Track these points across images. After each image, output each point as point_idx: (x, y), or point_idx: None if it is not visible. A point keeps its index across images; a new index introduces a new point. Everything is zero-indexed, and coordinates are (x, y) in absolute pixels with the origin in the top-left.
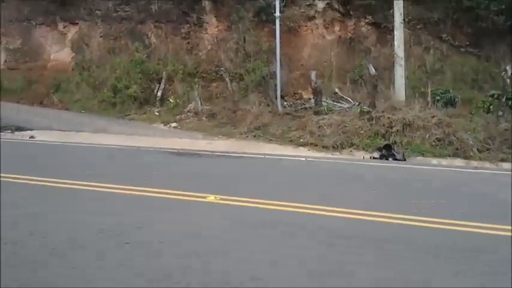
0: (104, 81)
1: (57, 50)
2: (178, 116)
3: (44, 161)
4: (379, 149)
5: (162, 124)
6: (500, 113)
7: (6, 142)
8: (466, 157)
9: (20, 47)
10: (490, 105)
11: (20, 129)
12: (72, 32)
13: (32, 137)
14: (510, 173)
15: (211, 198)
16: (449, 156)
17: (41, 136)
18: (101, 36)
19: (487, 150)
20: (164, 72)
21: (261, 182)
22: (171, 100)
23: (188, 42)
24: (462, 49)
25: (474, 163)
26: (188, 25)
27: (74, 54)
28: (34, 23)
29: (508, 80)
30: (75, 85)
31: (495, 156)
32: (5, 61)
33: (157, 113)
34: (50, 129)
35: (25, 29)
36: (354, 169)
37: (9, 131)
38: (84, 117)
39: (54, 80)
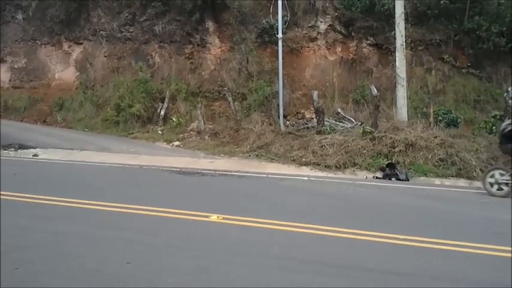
0: (107, 100)
1: (62, 69)
2: (181, 135)
3: (46, 179)
4: (382, 169)
5: (165, 143)
6: None
7: (9, 160)
8: (470, 177)
9: (25, 66)
10: (493, 126)
11: (23, 147)
12: (76, 51)
13: (35, 155)
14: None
15: (214, 217)
16: (453, 176)
17: (44, 154)
18: (105, 56)
19: None
20: (167, 92)
21: (263, 201)
22: (174, 119)
23: (191, 62)
24: (464, 70)
25: (477, 183)
26: (192, 45)
27: (78, 73)
28: (39, 43)
29: (510, 101)
30: (78, 104)
31: None
32: (10, 80)
33: (160, 132)
34: (54, 148)
35: (30, 49)
36: (359, 189)
37: (13, 149)
38: (87, 136)
39: (58, 98)
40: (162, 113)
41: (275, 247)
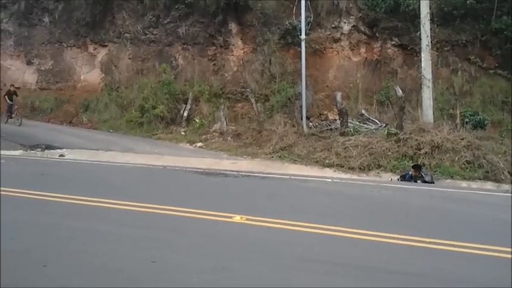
0: (131, 102)
1: (87, 71)
2: (203, 136)
3: (72, 179)
4: (402, 177)
5: (188, 144)
6: None
7: (36, 160)
8: (497, 180)
9: (52, 68)
10: None
11: (50, 147)
12: (101, 53)
13: (61, 155)
14: None
15: (237, 218)
16: (480, 179)
17: (70, 155)
18: (129, 58)
19: None
20: (190, 93)
21: (286, 203)
22: (196, 120)
23: (214, 64)
24: (491, 71)
25: (505, 186)
26: (214, 47)
27: (103, 75)
28: (65, 45)
29: None
30: (103, 105)
31: None
32: (37, 82)
33: (183, 133)
34: (79, 148)
35: (56, 51)
36: (383, 192)
37: (40, 150)
38: (112, 137)
39: (83, 100)
40: (185, 114)
41: (297, 248)
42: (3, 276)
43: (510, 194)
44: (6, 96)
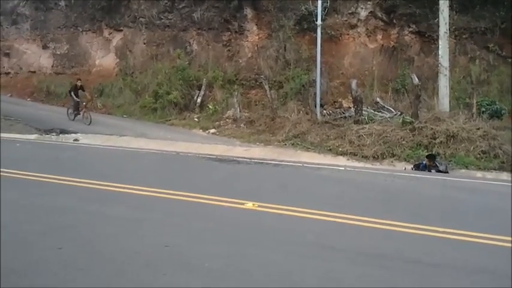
0: (146, 87)
1: (102, 55)
2: (217, 123)
3: (86, 163)
4: (416, 166)
5: (201, 130)
6: None
7: (51, 144)
8: None
9: (67, 52)
10: None
11: (64, 132)
12: (116, 38)
13: (76, 140)
14: None
15: (249, 205)
16: (495, 169)
17: (84, 139)
18: (144, 43)
19: None
20: (204, 79)
21: (299, 190)
22: (210, 106)
23: (229, 50)
24: (510, 59)
25: None
26: (229, 33)
27: (118, 60)
28: (80, 29)
29: None
30: (118, 90)
31: None
32: (52, 66)
33: (196, 119)
34: (94, 133)
35: (72, 35)
36: (397, 181)
37: (55, 134)
38: (126, 122)
39: (98, 85)
40: (199, 100)
41: (308, 235)
42: (19, 259)
43: None
44: (72, 92)
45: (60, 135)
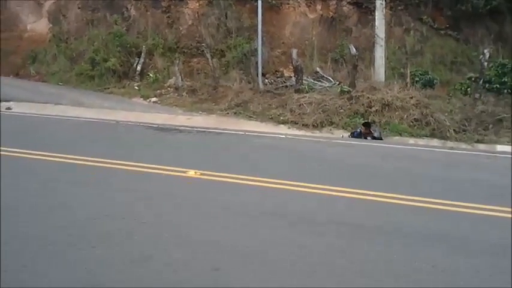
0: (81, 54)
1: (34, 20)
2: (158, 91)
3: (22, 133)
4: (353, 134)
5: (142, 99)
6: (477, 95)
7: None
8: (443, 138)
9: None
10: (468, 87)
11: None
12: (48, 2)
13: (8, 108)
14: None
15: (191, 173)
16: (426, 136)
17: (18, 108)
18: (78, 8)
19: (463, 131)
20: (144, 46)
21: (240, 158)
22: (150, 75)
23: (169, 17)
24: (442, 31)
25: (450, 144)
26: None
27: (51, 25)
28: None
29: (486, 64)
30: (52, 57)
31: (471, 138)
32: None
33: (136, 88)
34: (27, 101)
35: None
36: (334, 148)
37: None
38: (61, 90)
39: (31, 51)
40: (139, 68)
41: (250, 201)
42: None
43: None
44: None
45: None
